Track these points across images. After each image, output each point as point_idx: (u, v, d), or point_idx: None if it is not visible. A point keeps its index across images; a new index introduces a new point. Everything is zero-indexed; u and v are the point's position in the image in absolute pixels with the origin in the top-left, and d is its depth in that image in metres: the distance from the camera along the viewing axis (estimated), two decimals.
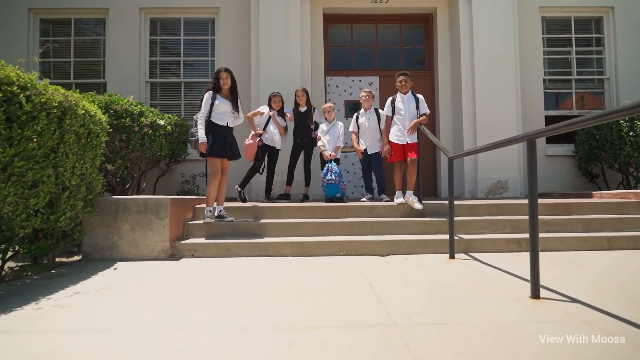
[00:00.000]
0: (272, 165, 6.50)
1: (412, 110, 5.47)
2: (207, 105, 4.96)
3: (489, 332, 2.20)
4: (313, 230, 4.93)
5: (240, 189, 6.34)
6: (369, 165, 6.34)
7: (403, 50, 8.96)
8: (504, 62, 7.77)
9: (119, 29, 8.43)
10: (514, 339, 2.10)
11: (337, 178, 6.05)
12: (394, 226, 4.98)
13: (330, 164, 6.15)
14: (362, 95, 6.37)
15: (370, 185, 6.42)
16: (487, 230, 4.99)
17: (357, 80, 8.72)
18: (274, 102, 6.49)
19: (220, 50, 8.51)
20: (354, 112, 8.48)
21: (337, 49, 8.91)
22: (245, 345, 2.07)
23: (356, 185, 8.61)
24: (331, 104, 6.51)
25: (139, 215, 4.45)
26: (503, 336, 2.14)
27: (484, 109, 7.72)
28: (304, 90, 6.63)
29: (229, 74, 5.07)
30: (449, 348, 2.00)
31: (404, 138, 5.40)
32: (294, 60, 7.69)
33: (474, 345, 2.03)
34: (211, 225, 4.90)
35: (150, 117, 5.75)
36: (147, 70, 8.56)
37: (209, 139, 4.87)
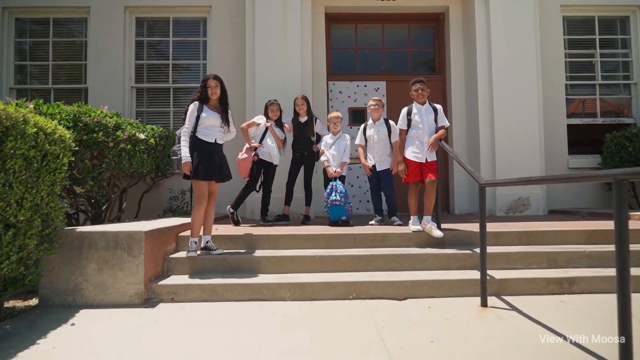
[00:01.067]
0: (268, 183, 5.77)
1: (430, 123, 4.75)
2: (192, 119, 4.23)
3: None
4: (316, 265, 4.20)
5: (232, 210, 5.61)
6: (378, 184, 5.62)
7: (412, 52, 8.24)
8: (524, 65, 7.05)
9: (101, 29, 7.71)
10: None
11: (343, 199, 5.32)
12: (410, 260, 4.24)
13: (334, 182, 5.43)
14: (371, 105, 5.64)
15: (379, 206, 5.68)
16: (519, 265, 4.26)
17: (362, 85, 8.00)
18: (270, 112, 5.76)
19: (212, 53, 7.79)
20: (358, 120, 7.79)
21: (340, 52, 8.19)
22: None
23: (361, 200, 7.88)
24: (338, 113, 5.78)
25: (108, 252, 3.71)
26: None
27: (503, 117, 7.00)
28: (304, 98, 5.90)
29: (218, 82, 4.35)
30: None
31: (423, 155, 4.67)
32: (293, 63, 6.97)
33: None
34: (196, 260, 4.17)
35: (129, 130, 5.01)
36: (132, 75, 7.84)
37: (194, 158, 4.14)
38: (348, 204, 5.38)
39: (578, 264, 4.26)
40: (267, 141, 5.66)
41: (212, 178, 4.22)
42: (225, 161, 4.41)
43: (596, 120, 7.99)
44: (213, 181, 4.28)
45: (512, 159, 6.93)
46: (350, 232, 4.71)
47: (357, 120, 7.95)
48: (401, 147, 4.82)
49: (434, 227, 4.58)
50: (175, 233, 4.57)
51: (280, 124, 5.84)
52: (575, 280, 3.88)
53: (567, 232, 4.68)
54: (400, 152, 4.81)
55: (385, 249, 4.46)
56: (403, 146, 4.81)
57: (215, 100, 4.37)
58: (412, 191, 4.82)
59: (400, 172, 4.78)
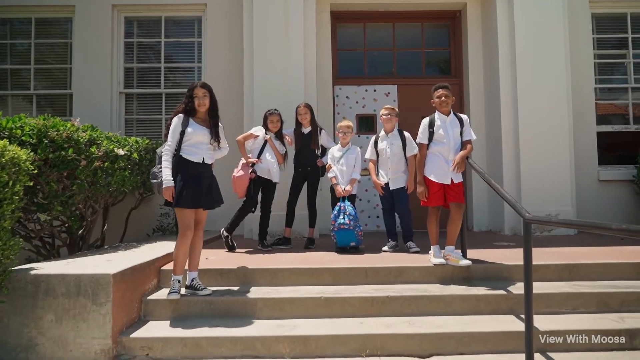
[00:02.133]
0: (267, 203, 5.11)
1: (456, 137, 4.07)
2: (175, 134, 3.58)
3: None
4: (321, 308, 3.53)
5: (227, 234, 4.96)
6: (391, 204, 4.93)
7: (425, 53, 7.55)
8: (552, 67, 6.34)
9: (87, 29, 7.08)
10: None
11: (352, 222, 4.65)
12: (433, 303, 3.56)
13: (343, 203, 4.76)
14: (383, 114, 4.96)
15: (393, 230, 5.00)
16: (563, 308, 3.57)
17: (372, 90, 7.32)
18: (270, 123, 5.10)
19: (208, 55, 7.14)
20: (367, 127, 7.13)
21: (347, 53, 7.52)
22: None
23: (370, 216, 7.20)
24: (348, 122, 5.10)
25: (69, 300, 3.07)
26: None
27: (528, 125, 6.29)
28: (306, 106, 5.23)
29: (207, 90, 3.69)
30: None
31: (447, 176, 3.99)
32: (295, 66, 6.30)
33: None
34: (179, 303, 3.51)
35: (105, 145, 4.36)
36: (121, 79, 7.20)
37: (177, 182, 3.49)
38: (358, 228, 4.70)
39: (634, 307, 3.57)
40: (265, 156, 5.00)
41: (199, 205, 3.56)
42: (216, 184, 3.75)
43: (629, 127, 7.27)
44: (200, 209, 3.62)
45: (539, 171, 6.23)
46: (361, 264, 4.05)
47: (366, 128, 7.28)
48: (421, 164, 4.13)
49: (459, 256, 3.91)
50: (157, 267, 3.92)
51: (280, 136, 5.18)
52: (636, 333, 3.19)
53: (616, 266, 4.00)
54: (420, 171, 4.13)
55: (402, 287, 3.79)
56: (423, 164, 4.13)
57: (204, 113, 3.71)
58: (432, 217, 4.14)
59: (420, 194, 4.10)
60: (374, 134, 7.13)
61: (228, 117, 6.81)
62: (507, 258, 4.27)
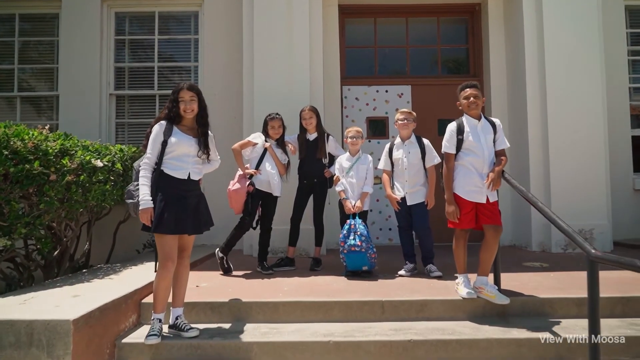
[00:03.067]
0: (267, 219, 4.51)
1: (489, 145, 3.45)
2: (156, 145, 3.00)
3: None
4: (330, 355, 2.93)
5: (222, 255, 4.37)
6: (408, 221, 4.32)
7: (442, 51, 6.93)
8: (586, 65, 5.70)
9: (75, 26, 6.54)
10: None
11: (364, 244, 4.05)
12: (465, 349, 2.95)
13: (353, 221, 4.16)
14: (399, 119, 4.35)
15: (410, 251, 4.38)
16: (623, 356, 2.95)
17: (383, 90, 6.71)
18: (271, 129, 4.51)
19: (205, 54, 6.57)
20: (378, 132, 6.53)
21: (356, 51, 6.92)
22: None
23: (382, 228, 6.60)
24: (357, 128, 4.50)
25: (18, 352, 2.49)
26: None
27: (559, 130, 5.66)
28: (312, 110, 4.64)
29: (195, 94, 3.12)
30: None
31: (482, 193, 3.37)
32: (299, 65, 5.72)
33: None
34: (159, 348, 2.93)
35: (80, 156, 3.78)
36: (111, 80, 6.65)
37: (157, 202, 2.90)
38: (371, 249, 4.10)
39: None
40: (265, 166, 4.41)
41: (183, 230, 2.97)
42: (204, 204, 3.16)
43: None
44: (185, 234, 3.03)
45: (571, 182, 5.59)
46: (376, 295, 3.45)
47: (377, 133, 6.68)
48: (449, 179, 3.51)
49: (495, 291, 3.29)
50: (137, 299, 3.35)
51: (283, 144, 4.59)
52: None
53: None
54: (449, 187, 3.51)
55: (426, 326, 3.18)
56: (451, 177, 3.51)
57: (191, 120, 3.13)
58: (460, 241, 3.52)
59: (450, 215, 3.48)
60: (385, 139, 6.58)
61: (227, 122, 6.30)
62: (546, 287, 3.67)
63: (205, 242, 6.22)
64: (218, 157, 3.38)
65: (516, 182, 3.36)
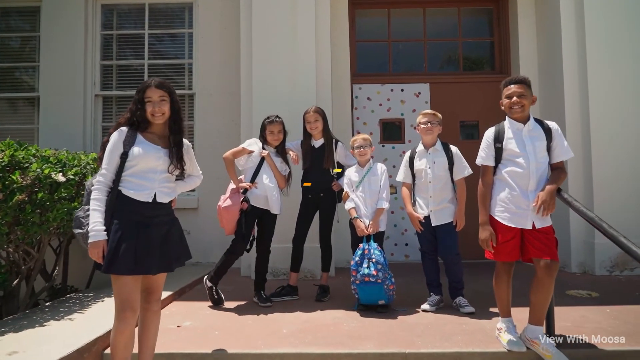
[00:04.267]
0: (264, 241, 3.83)
1: (540, 155, 2.72)
2: (113, 158, 2.32)
3: None
4: None
5: (211, 284, 3.70)
6: (433, 245, 3.61)
7: (464, 45, 6.20)
8: (636, 53, 4.94)
9: (57, 21, 5.92)
10: None
11: (381, 273, 3.34)
12: None
13: (367, 245, 3.47)
14: (421, 122, 3.63)
15: (435, 280, 3.66)
16: None
17: (398, 89, 5.99)
18: (269, 134, 3.83)
19: (199, 50, 5.92)
20: (392, 135, 5.84)
21: (368, 45, 6.22)
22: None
23: (397, 244, 5.88)
24: (364, 135, 3.80)
25: None
26: None
27: (604, 134, 4.91)
28: (318, 111, 3.95)
29: (167, 93, 2.43)
30: None
31: (527, 217, 2.66)
32: (304, 61, 5.03)
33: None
34: None
35: (35, 170, 3.12)
36: (97, 79, 6.02)
37: (112, 233, 2.22)
38: (389, 280, 3.40)
39: None
40: (262, 178, 3.73)
41: (146, 269, 2.28)
42: (176, 233, 2.46)
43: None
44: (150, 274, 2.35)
45: (617, 192, 4.84)
46: (396, 343, 2.77)
47: (392, 136, 5.97)
48: (485, 197, 2.80)
49: (552, 347, 2.56)
50: (98, 351, 2.69)
51: (283, 151, 3.90)
52: None
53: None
54: (484, 207, 2.80)
55: None
56: (488, 196, 2.80)
57: (161, 126, 2.45)
58: (502, 276, 2.80)
59: (484, 243, 2.77)
60: (401, 143, 5.88)
61: (224, 125, 5.68)
62: (607, 330, 2.95)
63: (200, 259, 5.58)
64: (199, 171, 2.70)
65: (582, 205, 2.62)
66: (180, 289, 4.18)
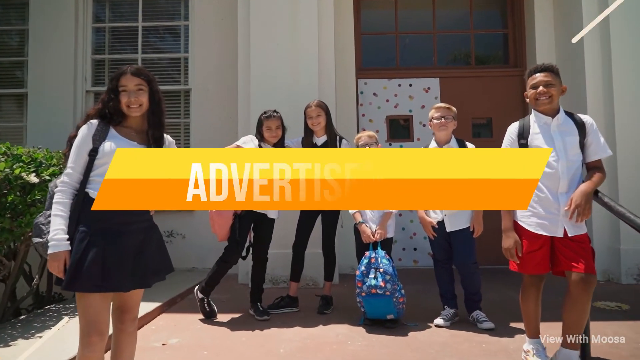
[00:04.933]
0: (261, 248, 3.49)
1: (572, 153, 2.36)
2: (80, 155, 1.98)
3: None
4: None
5: (202, 295, 3.36)
6: (447, 253, 3.26)
7: (476, 37, 5.84)
8: None
9: (46, 13, 5.63)
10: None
11: (390, 285, 3.00)
12: None
13: (374, 254, 3.12)
14: (434, 117, 3.29)
15: (449, 292, 3.30)
16: None
17: (406, 84, 5.64)
18: (266, 130, 3.49)
19: (196, 43, 5.61)
20: (400, 134, 5.49)
21: (374, 38, 5.87)
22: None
23: (405, 248, 5.52)
24: (369, 133, 3.45)
25: None
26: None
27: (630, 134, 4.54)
28: (320, 105, 3.61)
29: (145, 81, 2.10)
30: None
31: (558, 224, 2.31)
32: (306, 54, 4.71)
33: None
34: None
35: (4, 169, 2.80)
36: (88, 74, 5.73)
37: (76, 243, 1.88)
38: (398, 292, 3.06)
39: None
40: None
41: (116, 286, 1.94)
42: (156, 241, 2.12)
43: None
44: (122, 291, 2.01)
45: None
46: None
47: (399, 135, 5.62)
48: None
49: None
50: None
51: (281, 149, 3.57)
52: None
53: None
54: (508, 211, 2.45)
55: None
56: None
57: (139, 120, 2.11)
58: (529, 291, 2.45)
59: (508, 252, 2.42)
60: (409, 141, 5.53)
61: (223, 122, 5.38)
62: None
63: (195, 264, 5.25)
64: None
65: (625, 209, 2.26)
66: (170, 299, 3.86)
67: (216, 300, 3.54)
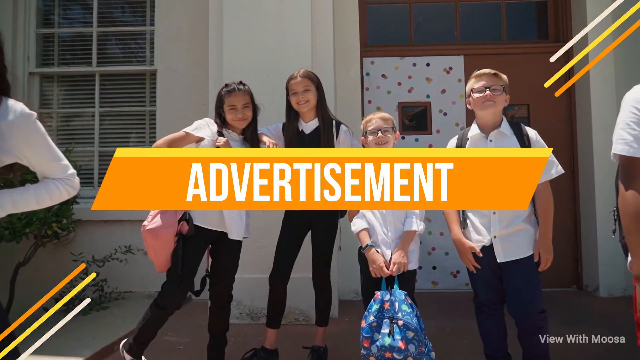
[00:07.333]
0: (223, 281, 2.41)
1: None
2: None
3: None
4: None
5: (130, 356, 2.27)
6: (498, 294, 2.17)
7: (507, 6, 4.80)
8: None
9: None
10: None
11: (413, 345, 1.92)
12: None
13: (389, 295, 2.04)
14: (475, 88, 2.24)
15: (499, 349, 2.20)
16: None
17: (423, 63, 4.61)
18: (229, 110, 2.42)
19: (162, 14, 4.60)
20: (417, 125, 4.55)
21: (382, 8, 4.85)
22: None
23: (422, 267, 4.44)
24: (383, 114, 2.38)
25: None
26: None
27: None
28: (308, 76, 2.55)
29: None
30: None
31: None
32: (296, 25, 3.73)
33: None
34: None
35: None
36: (32, 54, 4.72)
37: None
38: (427, 357, 1.98)
39: None
40: None
41: None
42: None
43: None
44: None
45: None
46: None
47: (415, 125, 4.61)
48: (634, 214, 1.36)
49: None
50: None
51: (253, 139, 2.48)
52: None
53: None
54: (636, 230, 1.36)
55: None
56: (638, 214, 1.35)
57: None
58: None
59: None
60: (427, 134, 4.50)
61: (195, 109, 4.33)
62: None
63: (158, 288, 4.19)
64: (67, 169, 1.38)
65: None
66: (104, 348, 2.80)
67: (171, 345, 2.49)
